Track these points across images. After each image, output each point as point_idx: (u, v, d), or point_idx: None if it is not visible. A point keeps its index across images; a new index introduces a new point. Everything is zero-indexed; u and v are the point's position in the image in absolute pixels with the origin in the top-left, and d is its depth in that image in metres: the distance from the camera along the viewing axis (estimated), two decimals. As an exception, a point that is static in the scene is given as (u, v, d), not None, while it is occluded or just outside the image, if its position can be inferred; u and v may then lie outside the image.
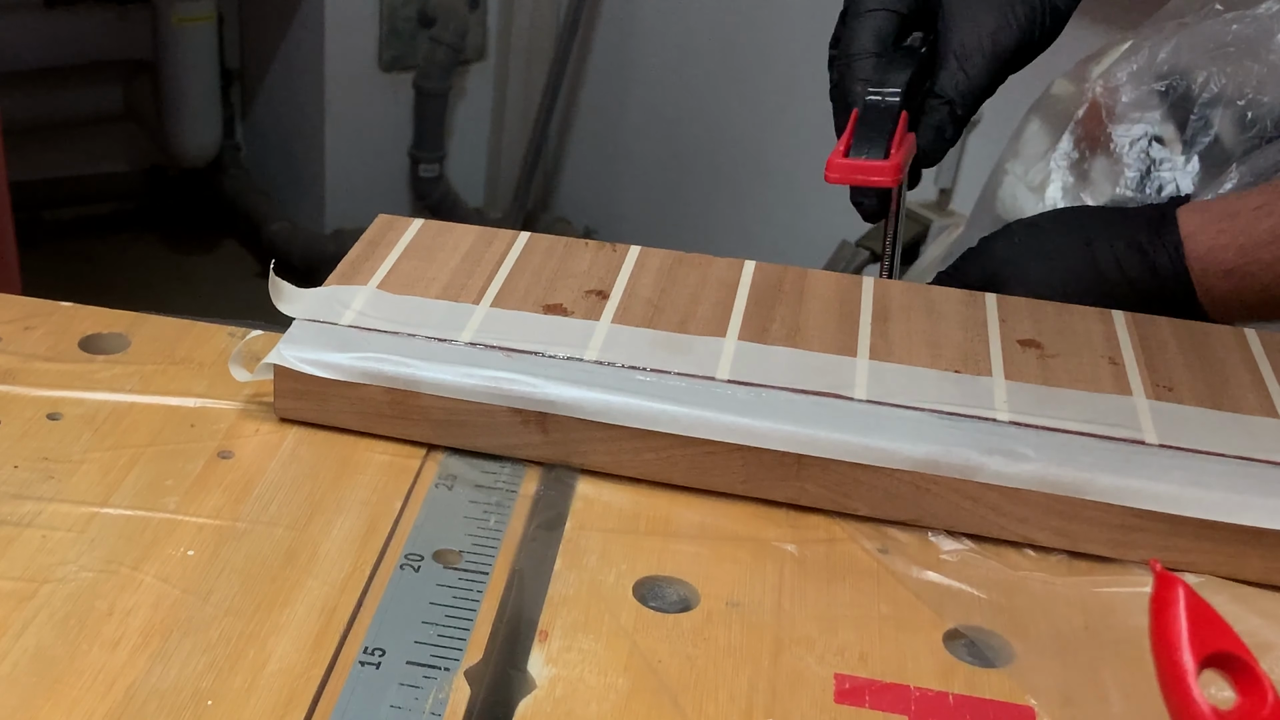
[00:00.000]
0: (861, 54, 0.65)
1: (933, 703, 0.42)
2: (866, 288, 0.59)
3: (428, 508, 0.49)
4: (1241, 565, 0.48)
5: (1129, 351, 0.55)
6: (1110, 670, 0.44)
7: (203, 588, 0.45)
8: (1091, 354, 0.55)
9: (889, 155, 0.61)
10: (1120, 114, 1.19)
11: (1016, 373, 0.53)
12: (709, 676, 0.43)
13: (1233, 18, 1.03)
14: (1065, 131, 1.20)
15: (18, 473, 0.49)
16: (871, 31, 0.65)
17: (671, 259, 0.61)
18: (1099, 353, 0.55)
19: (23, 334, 0.57)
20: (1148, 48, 1.18)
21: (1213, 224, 0.64)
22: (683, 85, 2.05)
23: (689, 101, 2.05)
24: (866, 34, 0.65)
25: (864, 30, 0.65)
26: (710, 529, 0.49)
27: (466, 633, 0.44)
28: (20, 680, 0.41)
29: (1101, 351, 0.55)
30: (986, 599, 0.47)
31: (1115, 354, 0.55)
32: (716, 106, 2.00)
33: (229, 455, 0.51)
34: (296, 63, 2.28)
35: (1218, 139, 1.02)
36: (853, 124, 0.63)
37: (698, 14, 2.01)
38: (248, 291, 2.26)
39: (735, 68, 1.97)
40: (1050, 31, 0.67)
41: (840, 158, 0.61)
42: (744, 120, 1.98)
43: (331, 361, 0.52)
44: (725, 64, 1.98)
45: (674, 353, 0.53)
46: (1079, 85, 1.22)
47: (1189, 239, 0.64)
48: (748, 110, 1.97)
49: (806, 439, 0.49)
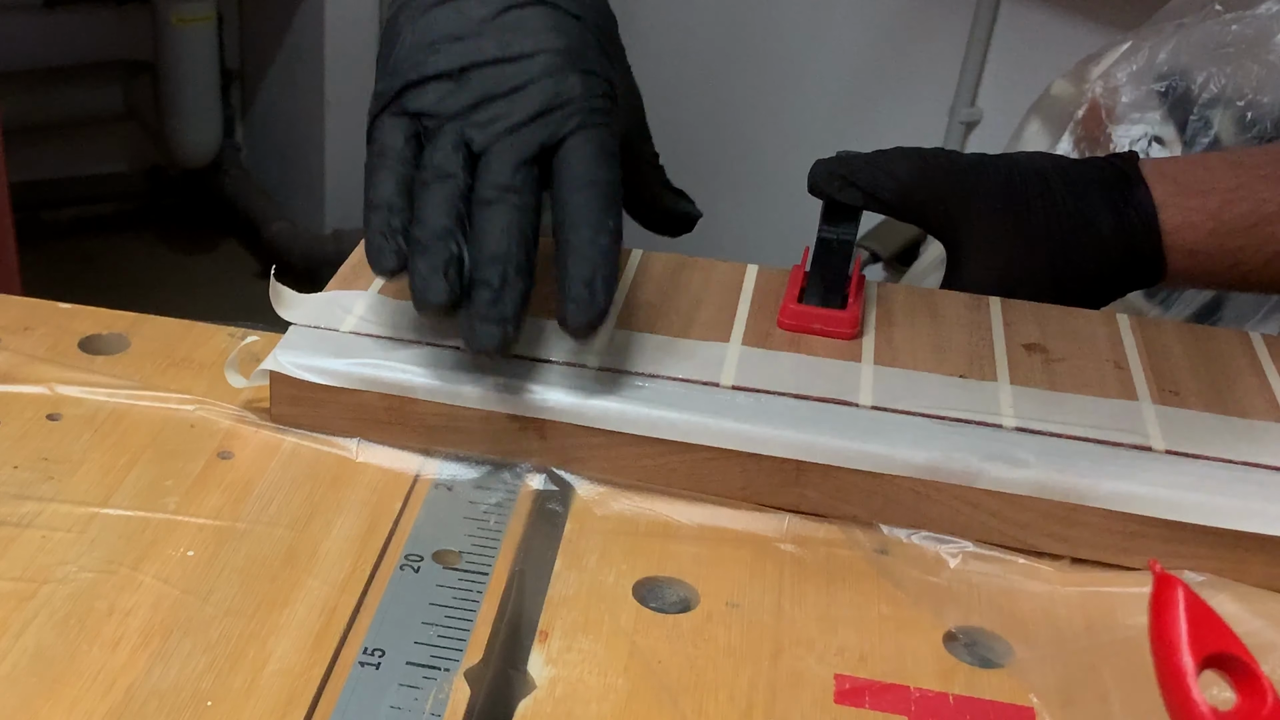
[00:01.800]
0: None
1: (933, 703, 0.42)
2: (871, 291, 0.59)
3: (428, 508, 0.49)
4: (1243, 571, 0.48)
5: (1134, 355, 0.55)
6: (1110, 670, 0.44)
7: (203, 588, 0.45)
8: (1096, 358, 0.55)
9: (847, 304, 0.56)
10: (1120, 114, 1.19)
11: (1022, 377, 0.53)
12: (709, 677, 0.43)
13: (1232, 18, 1.03)
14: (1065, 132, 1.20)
15: (17, 473, 0.49)
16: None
17: (674, 262, 0.61)
18: (1104, 356, 0.55)
19: (22, 334, 0.57)
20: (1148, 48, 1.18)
21: (1184, 198, 0.62)
22: (682, 86, 2.05)
23: (689, 102, 2.05)
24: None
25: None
26: (710, 530, 0.49)
27: (466, 633, 0.44)
28: (20, 680, 0.41)
29: (1106, 355, 0.55)
30: (986, 599, 0.47)
31: (1120, 358, 0.55)
32: (716, 108, 2.00)
33: (229, 456, 0.51)
34: (296, 63, 2.28)
35: (1217, 139, 1.02)
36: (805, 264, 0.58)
37: (697, 14, 2.01)
38: (248, 292, 2.26)
39: (735, 69, 1.97)
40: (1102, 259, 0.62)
41: (794, 303, 0.56)
42: (744, 121, 1.98)
43: (328, 368, 0.52)
44: (725, 65, 1.98)
45: (677, 358, 0.53)
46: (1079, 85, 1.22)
47: (1160, 209, 0.62)
48: (748, 111, 1.97)
49: (805, 445, 0.49)
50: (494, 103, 0.51)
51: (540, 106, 0.50)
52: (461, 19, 0.52)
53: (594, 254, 0.48)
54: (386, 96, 0.52)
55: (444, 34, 0.52)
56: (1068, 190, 0.62)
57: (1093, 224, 0.62)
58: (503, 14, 0.52)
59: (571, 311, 0.48)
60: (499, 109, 0.50)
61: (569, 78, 0.51)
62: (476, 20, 0.52)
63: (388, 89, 0.52)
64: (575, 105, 0.51)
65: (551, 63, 0.51)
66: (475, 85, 0.51)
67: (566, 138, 0.50)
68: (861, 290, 0.58)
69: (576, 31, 0.53)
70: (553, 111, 0.50)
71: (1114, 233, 0.61)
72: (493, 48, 0.52)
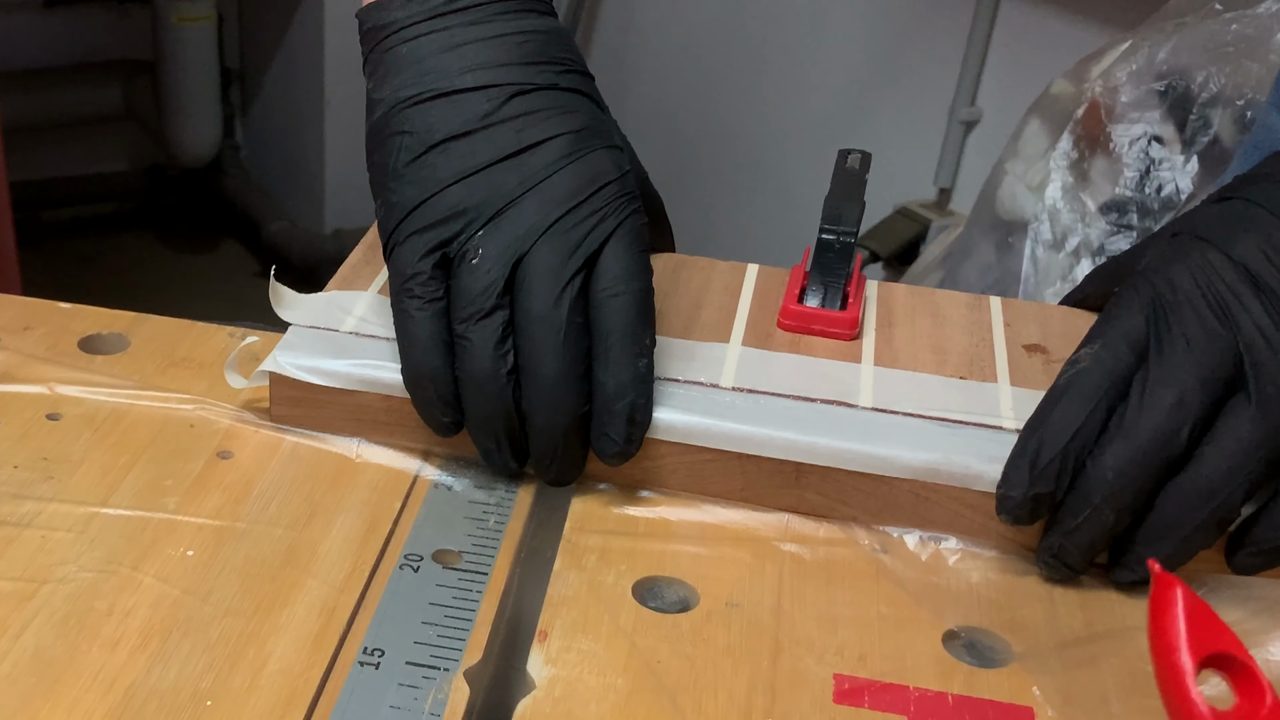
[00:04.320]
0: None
1: (932, 703, 0.42)
2: (871, 292, 0.59)
3: (427, 508, 0.49)
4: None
5: None
6: (1110, 670, 0.44)
7: (202, 588, 0.45)
8: None
9: (846, 305, 0.56)
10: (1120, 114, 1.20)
11: (1023, 379, 0.53)
12: (708, 677, 0.43)
13: (1232, 18, 1.03)
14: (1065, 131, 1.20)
15: (17, 473, 0.49)
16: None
17: (674, 262, 0.61)
18: None
19: (22, 334, 0.57)
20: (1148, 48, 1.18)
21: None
22: (682, 87, 2.05)
23: (689, 103, 2.05)
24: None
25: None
26: (710, 530, 0.49)
27: (466, 633, 0.44)
28: (20, 680, 0.41)
29: None
30: (986, 599, 0.47)
31: None
32: (716, 108, 2.00)
33: (228, 455, 0.51)
34: (296, 63, 2.28)
35: (1217, 139, 1.02)
36: (805, 264, 0.58)
37: (697, 14, 2.01)
38: (248, 292, 2.26)
39: (735, 69, 1.97)
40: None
41: (794, 303, 0.56)
42: (744, 121, 1.98)
43: (328, 368, 0.52)
44: (725, 65, 1.98)
45: (677, 359, 0.53)
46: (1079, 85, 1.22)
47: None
48: (748, 111, 1.97)
49: (805, 447, 0.49)
50: (519, 202, 0.48)
51: (571, 196, 0.48)
52: (462, 113, 0.50)
53: (634, 384, 0.48)
54: (398, 215, 0.49)
55: (448, 134, 0.49)
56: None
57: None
58: (507, 103, 0.50)
59: (608, 446, 0.48)
60: (526, 207, 0.48)
61: (598, 159, 0.49)
62: (480, 114, 0.50)
63: (399, 207, 0.49)
64: (610, 190, 0.49)
65: (571, 145, 0.49)
66: (495, 186, 0.49)
67: (608, 235, 0.48)
68: (861, 290, 0.57)
69: (583, 107, 0.51)
70: (588, 200, 0.48)
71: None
72: (506, 142, 0.49)
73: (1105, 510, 0.45)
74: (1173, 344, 0.45)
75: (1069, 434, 0.45)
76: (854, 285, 0.57)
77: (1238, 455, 0.43)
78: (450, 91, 0.50)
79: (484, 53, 0.51)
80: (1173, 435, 0.44)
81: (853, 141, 0.80)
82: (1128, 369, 0.45)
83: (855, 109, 1.81)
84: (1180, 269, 0.47)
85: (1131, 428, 0.44)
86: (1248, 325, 0.45)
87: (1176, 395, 0.44)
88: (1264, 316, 0.44)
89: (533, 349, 0.47)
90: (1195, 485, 0.44)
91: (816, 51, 1.85)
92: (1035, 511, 0.46)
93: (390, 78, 0.52)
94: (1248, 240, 0.46)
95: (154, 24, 2.30)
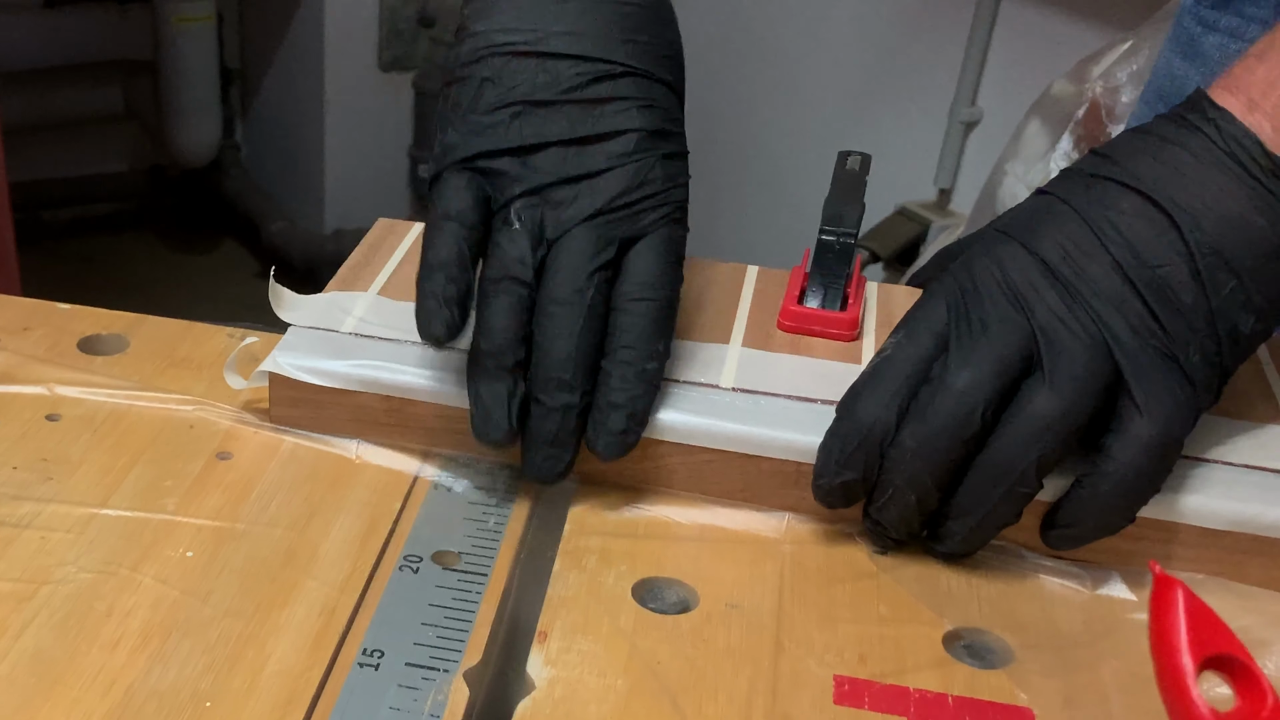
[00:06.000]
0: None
1: (932, 704, 0.42)
2: (871, 292, 0.59)
3: (427, 509, 0.49)
4: (1243, 574, 0.48)
5: None
6: (1110, 671, 0.44)
7: (202, 589, 0.45)
8: None
9: (846, 306, 0.56)
10: (1120, 113, 1.19)
11: None
12: (708, 678, 0.43)
13: (1232, 18, 1.03)
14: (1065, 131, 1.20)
15: (16, 474, 0.49)
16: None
17: None
18: None
19: (22, 334, 0.57)
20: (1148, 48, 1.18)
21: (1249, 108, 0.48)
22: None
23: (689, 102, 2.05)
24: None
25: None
26: (710, 530, 0.49)
27: (465, 634, 0.44)
28: (19, 681, 0.41)
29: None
30: (986, 599, 0.47)
31: None
32: (717, 108, 2.00)
33: (228, 456, 0.51)
34: (296, 63, 2.28)
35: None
36: (805, 265, 0.58)
37: (697, 15, 2.01)
38: (247, 292, 2.26)
39: (735, 69, 1.97)
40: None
41: (794, 304, 0.56)
42: (744, 121, 1.98)
43: (327, 369, 0.51)
44: (725, 65, 1.98)
45: (677, 360, 0.53)
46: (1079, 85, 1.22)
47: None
48: (748, 112, 1.97)
49: (805, 447, 0.49)
50: (572, 185, 0.49)
51: (619, 195, 0.49)
52: (548, 80, 0.50)
53: (639, 383, 0.48)
54: (458, 154, 0.50)
55: (528, 97, 0.49)
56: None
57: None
58: (593, 83, 0.50)
59: (604, 444, 0.48)
60: (577, 192, 0.49)
61: (653, 165, 0.50)
62: (564, 87, 0.50)
63: (461, 148, 0.50)
64: (655, 199, 0.49)
65: (636, 145, 0.49)
66: (554, 163, 0.49)
67: (642, 235, 0.49)
68: (861, 291, 0.57)
69: (663, 102, 0.51)
70: (631, 204, 0.49)
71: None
72: (578, 123, 0.49)
73: (906, 491, 0.46)
74: (969, 329, 0.46)
75: (870, 420, 0.46)
76: (854, 286, 0.57)
77: (1032, 432, 0.45)
78: (543, 53, 0.50)
79: (587, 15, 0.51)
80: (967, 416, 0.45)
81: (853, 142, 0.80)
82: (930, 356, 0.47)
83: (855, 109, 1.81)
84: (982, 262, 0.48)
85: (925, 410, 0.45)
86: (1042, 310, 0.46)
87: (970, 377, 0.45)
88: (1059, 303, 0.46)
89: (549, 327, 0.47)
90: (994, 461, 0.45)
91: (816, 52, 1.85)
92: (848, 496, 0.48)
93: (491, 12, 0.51)
94: (1048, 236, 0.47)
95: (154, 24, 2.30)
